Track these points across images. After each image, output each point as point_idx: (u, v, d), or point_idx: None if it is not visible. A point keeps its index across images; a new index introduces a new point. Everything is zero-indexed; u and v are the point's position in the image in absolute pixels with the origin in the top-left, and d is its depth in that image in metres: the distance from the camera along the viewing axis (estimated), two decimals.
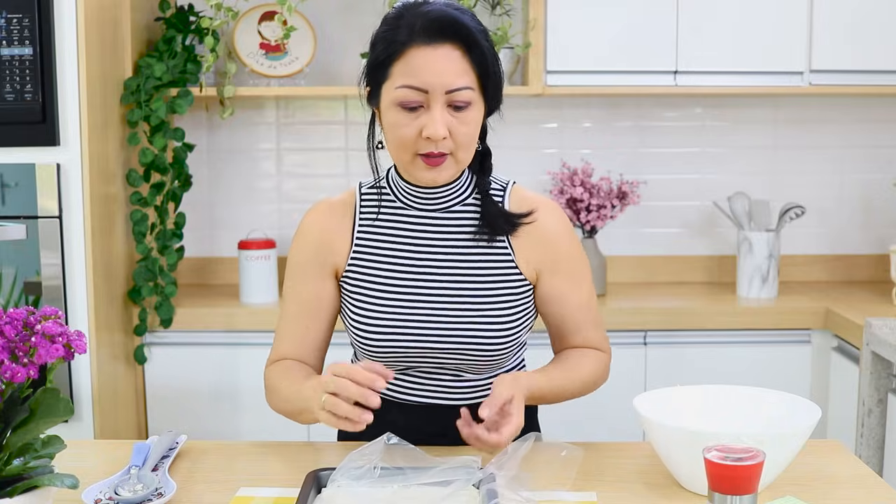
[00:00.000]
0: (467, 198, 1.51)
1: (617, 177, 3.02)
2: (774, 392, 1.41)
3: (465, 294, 1.47)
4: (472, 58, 1.38)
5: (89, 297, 2.40)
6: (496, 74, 1.42)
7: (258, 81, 2.87)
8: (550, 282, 1.51)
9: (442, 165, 1.41)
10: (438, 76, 1.36)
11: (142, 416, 2.73)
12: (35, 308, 1.11)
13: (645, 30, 2.76)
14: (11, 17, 2.30)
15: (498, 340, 1.47)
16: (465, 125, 1.39)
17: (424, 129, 1.37)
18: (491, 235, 1.49)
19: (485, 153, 1.52)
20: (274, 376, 1.52)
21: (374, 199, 1.53)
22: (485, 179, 1.51)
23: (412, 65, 1.36)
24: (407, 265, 1.49)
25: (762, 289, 2.84)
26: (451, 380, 1.52)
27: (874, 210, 3.13)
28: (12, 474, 1.10)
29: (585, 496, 1.30)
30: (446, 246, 1.49)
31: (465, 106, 1.38)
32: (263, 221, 3.10)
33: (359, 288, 1.50)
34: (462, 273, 1.48)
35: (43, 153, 2.35)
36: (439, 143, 1.38)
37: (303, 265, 1.53)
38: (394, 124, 1.40)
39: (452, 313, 1.47)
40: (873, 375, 2.30)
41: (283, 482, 1.36)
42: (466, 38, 1.37)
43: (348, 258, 1.51)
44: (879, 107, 3.09)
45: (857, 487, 1.34)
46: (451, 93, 1.37)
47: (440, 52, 1.36)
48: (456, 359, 1.48)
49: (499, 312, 1.47)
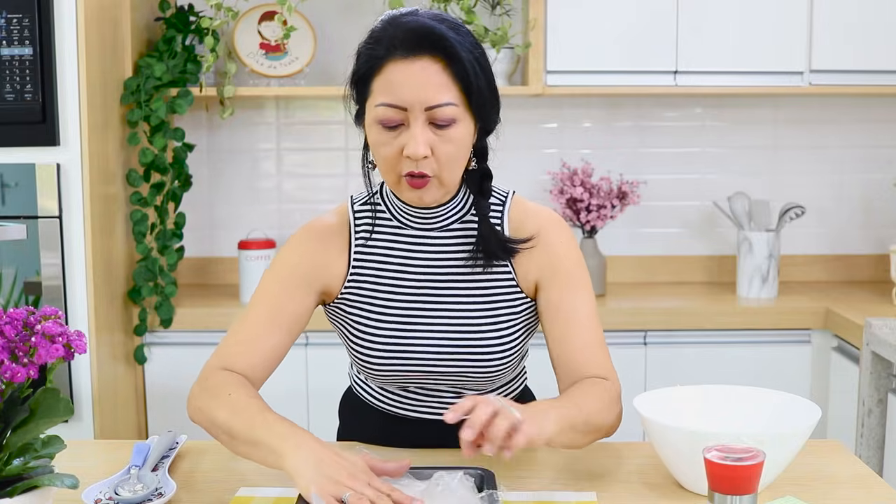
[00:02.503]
0: (465, 215, 1.45)
1: (617, 177, 3.02)
2: (774, 392, 1.41)
3: (464, 312, 1.44)
4: (454, 71, 1.29)
5: (89, 297, 2.40)
6: (483, 89, 1.33)
7: (258, 81, 2.87)
8: (549, 292, 1.43)
9: (425, 188, 1.34)
10: (416, 92, 1.28)
11: (142, 416, 2.73)
12: (35, 308, 1.11)
13: (645, 30, 2.76)
14: (11, 17, 2.30)
15: (498, 358, 1.44)
16: (447, 143, 1.31)
17: (405, 148, 1.30)
18: (487, 261, 1.43)
19: (484, 175, 1.44)
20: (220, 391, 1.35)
21: (367, 216, 1.48)
22: (483, 203, 1.43)
23: (390, 80, 1.29)
24: (405, 285, 1.45)
25: (762, 289, 2.84)
26: (452, 396, 1.50)
27: (874, 210, 3.13)
28: (12, 474, 1.10)
29: (585, 496, 1.30)
30: (445, 265, 1.45)
31: (448, 124, 1.30)
32: (263, 221, 3.10)
33: (358, 308, 1.46)
34: (461, 291, 1.44)
35: (43, 153, 2.35)
36: (420, 162, 1.31)
37: (287, 275, 1.45)
38: (375, 144, 1.34)
39: (453, 332, 1.43)
40: (873, 375, 2.30)
41: (284, 482, 1.36)
42: (445, 50, 1.29)
43: (345, 279, 1.46)
44: (879, 107, 3.09)
45: (857, 487, 1.34)
46: (431, 109, 1.29)
47: (418, 65, 1.28)
48: (457, 376, 1.46)
49: (498, 330, 1.44)
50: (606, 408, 1.36)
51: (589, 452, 1.48)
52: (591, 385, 1.39)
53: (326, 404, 1.87)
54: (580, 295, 1.43)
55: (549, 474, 1.40)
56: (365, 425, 1.58)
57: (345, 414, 1.67)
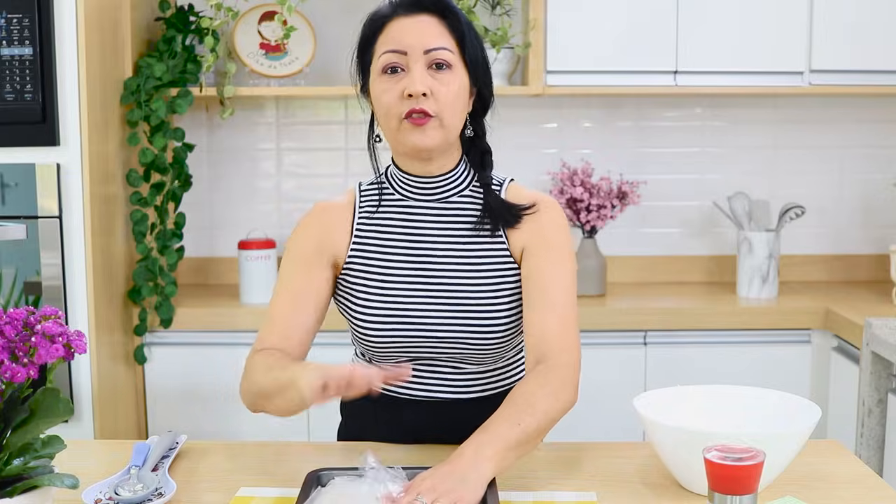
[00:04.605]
0: (464, 189, 1.53)
1: (617, 177, 3.02)
2: (774, 392, 1.41)
3: (462, 280, 1.48)
4: (449, 24, 1.45)
5: (89, 297, 2.40)
6: (475, 45, 1.48)
7: (258, 81, 2.87)
8: (528, 260, 1.48)
9: (427, 125, 1.43)
10: (416, 37, 1.43)
11: (142, 416, 2.73)
12: (35, 308, 1.11)
13: (645, 30, 2.76)
14: (11, 17, 2.30)
15: (493, 326, 1.47)
16: (445, 86, 1.43)
17: (406, 88, 1.41)
18: (494, 226, 1.50)
19: (485, 150, 1.55)
20: (257, 364, 1.44)
21: (374, 195, 1.55)
22: (486, 174, 1.53)
23: (393, 33, 1.45)
24: (405, 254, 1.50)
25: (762, 289, 2.84)
26: (451, 373, 1.52)
27: (874, 210, 3.13)
28: (12, 474, 1.10)
29: (585, 496, 1.31)
30: (444, 235, 1.51)
31: (445, 65, 1.43)
32: (263, 221, 3.10)
33: (359, 278, 1.51)
34: (459, 261, 1.49)
35: (43, 153, 2.35)
36: (420, 100, 1.41)
37: (300, 255, 1.53)
38: (379, 93, 1.45)
39: (450, 299, 1.47)
40: (873, 375, 2.30)
41: (283, 482, 1.36)
42: (443, 9, 1.45)
43: (348, 250, 1.52)
44: (879, 107, 3.09)
45: (857, 487, 1.34)
46: (430, 52, 1.43)
47: (418, 19, 1.44)
48: (455, 348, 1.48)
49: (494, 299, 1.48)
50: (554, 395, 1.35)
51: (589, 452, 1.48)
52: (534, 380, 1.38)
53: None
54: (560, 268, 1.47)
55: (549, 474, 1.40)
56: (364, 411, 1.59)
57: (345, 405, 1.67)
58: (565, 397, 1.37)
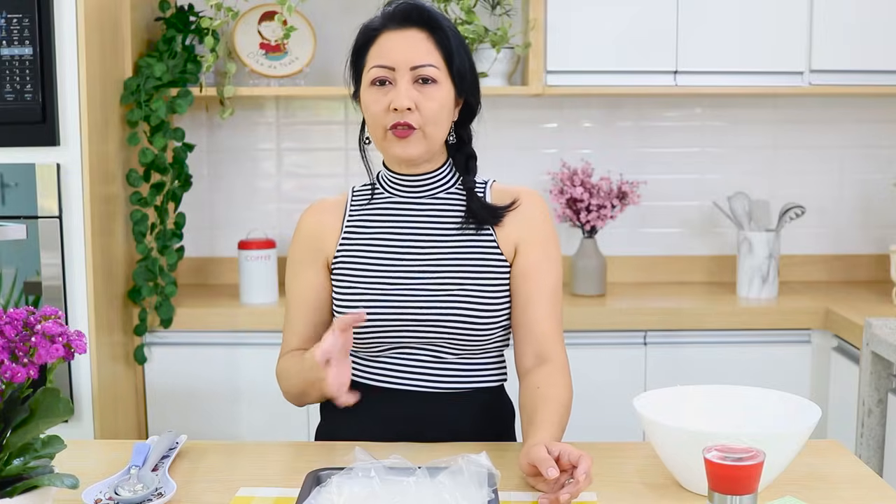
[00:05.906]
0: (451, 187, 1.61)
1: (617, 177, 3.02)
2: (774, 392, 1.41)
3: (447, 272, 1.54)
4: (437, 39, 1.51)
5: (89, 297, 2.40)
6: (463, 60, 1.54)
7: (258, 81, 2.87)
8: (526, 256, 1.56)
9: (410, 138, 1.51)
10: (403, 53, 1.50)
11: (142, 416, 2.73)
12: (35, 308, 1.11)
13: (645, 30, 2.76)
14: (11, 17, 2.30)
15: (477, 315, 1.52)
16: (430, 101, 1.50)
17: (392, 102, 1.49)
18: (478, 226, 1.57)
19: (469, 155, 1.62)
20: (283, 365, 1.60)
21: (366, 195, 1.64)
22: (469, 178, 1.61)
23: (383, 47, 1.52)
24: (391, 244, 1.57)
25: (762, 289, 2.84)
26: (431, 362, 1.55)
27: (874, 210, 3.13)
28: (12, 474, 1.10)
29: (585, 496, 1.31)
30: (431, 230, 1.58)
31: (430, 81, 1.50)
32: (263, 221, 3.10)
33: (345, 272, 1.58)
34: (445, 253, 1.56)
35: (43, 153, 2.35)
36: (405, 114, 1.49)
37: (298, 261, 1.63)
38: (368, 104, 1.53)
39: (434, 288, 1.53)
40: (873, 375, 2.30)
41: (283, 482, 1.36)
42: (431, 23, 1.52)
43: (336, 246, 1.61)
44: (879, 107, 3.09)
45: (857, 487, 1.34)
46: (416, 69, 1.50)
47: (407, 34, 1.51)
48: (437, 335, 1.52)
49: (480, 289, 1.53)
50: (570, 390, 1.52)
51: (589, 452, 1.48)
52: (553, 377, 1.51)
53: None
54: (550, 267, 1.57)
55: None
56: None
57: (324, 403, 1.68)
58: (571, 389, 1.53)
